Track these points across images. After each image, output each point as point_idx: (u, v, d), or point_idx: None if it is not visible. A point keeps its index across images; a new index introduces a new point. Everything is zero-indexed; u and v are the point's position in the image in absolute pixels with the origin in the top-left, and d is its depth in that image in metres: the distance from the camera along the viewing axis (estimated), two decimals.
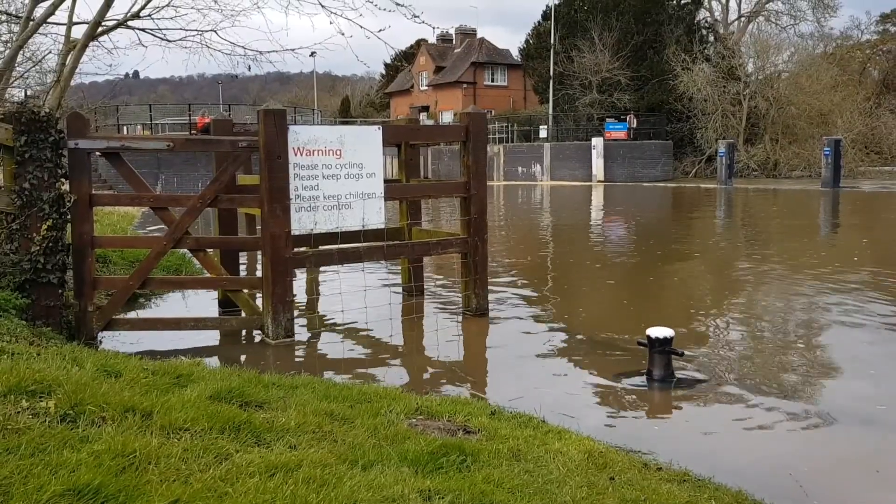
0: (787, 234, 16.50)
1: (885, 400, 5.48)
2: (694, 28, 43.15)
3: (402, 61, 45.82)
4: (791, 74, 40.67)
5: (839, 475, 4.28)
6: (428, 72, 63.59)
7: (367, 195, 7.43)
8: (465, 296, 8.23)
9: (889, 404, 5.38)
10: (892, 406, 5.34)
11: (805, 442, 4.76)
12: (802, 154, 38.00)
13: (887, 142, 39.17)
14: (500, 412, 4.73)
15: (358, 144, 7.40)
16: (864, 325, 7.73)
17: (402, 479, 3.18)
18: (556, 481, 3.54)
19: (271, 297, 6.95)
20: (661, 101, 41.45)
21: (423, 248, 8.34)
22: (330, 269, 10.69)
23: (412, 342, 7.37)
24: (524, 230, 18.72)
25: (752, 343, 7.18)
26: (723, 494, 3.67)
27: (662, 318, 7.86)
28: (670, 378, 5.75)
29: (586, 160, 39.95)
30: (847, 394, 5.65)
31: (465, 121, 8.15)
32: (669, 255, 13.40)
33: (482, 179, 8.19)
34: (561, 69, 43.58)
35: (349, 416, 4.10)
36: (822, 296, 9.17)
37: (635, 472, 3.83)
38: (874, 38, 57.20)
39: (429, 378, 6.18)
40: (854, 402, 5.42)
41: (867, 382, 5.93)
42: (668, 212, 24.27)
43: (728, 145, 34.11)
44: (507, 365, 6.51)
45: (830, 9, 44.94)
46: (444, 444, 3.69)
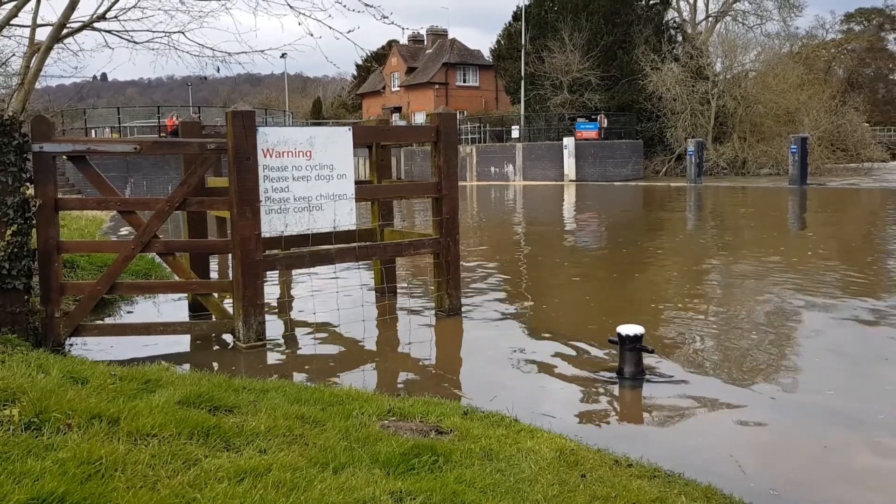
0: (756, 232, 16.72)
1: (852, 392, 5.57)
2: (662, 28, 43.56)
3: (373, 62, 45.72)
4: (758, 73, 41.22)
5: (807, 468, 4.33)
6: (400, 73, 63.52)
7: (338, 196, 7.40)
8: (438, 296, 8.23)
9: (858, 398, 5.47)
10: (862, 399, 5.43)
11: (775, 436, 4.81)
12: (770, 152, 38.54)
13: (852, 139, 39.87)
14: (473, 412, 4.73)
15: (328, 145, 7.37)
16: (830, 320, 7.86)
17: (374, 481, 3.17)
18: (528, 480, 3.55)
19: (242, 301, 6.90)
20: (631, 100, 41.79)
21: (395, 248, 8.32)
22: (302, 272, 10.66)
23: (385, 343, 7.35)
24: (497, 230, 18.77)
25: (723, 339, 7.26)
26: (692, 489, 3.71)
27: (634, 315, 7.93)
28: (641, 375, 5.80)
29: (558, 160, 40.15)
30: (816, 388, 5.73)
31: (435, 121, 8.15)
32: (640, 254, 13.52)
33: (453, 180, 8.20)
34: (532, 69, 43.76)
35: (320, 419, 4.08)
36: (791, 292, 9.30)
37: (606, 469, 3.85)
38: (839, 37, 58.38)
39: (402, 379, 6.17)
40: (822, 396, 5.51)
41: (832, 375, 6.03)
42: (638, 210, 24.47)
43: (697, 144, 34.50)
44: (480, 364, 6.53)
45: (796, 8, 45.64)
46: (416, 445, 3.69)
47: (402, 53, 63.50)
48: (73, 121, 36.78)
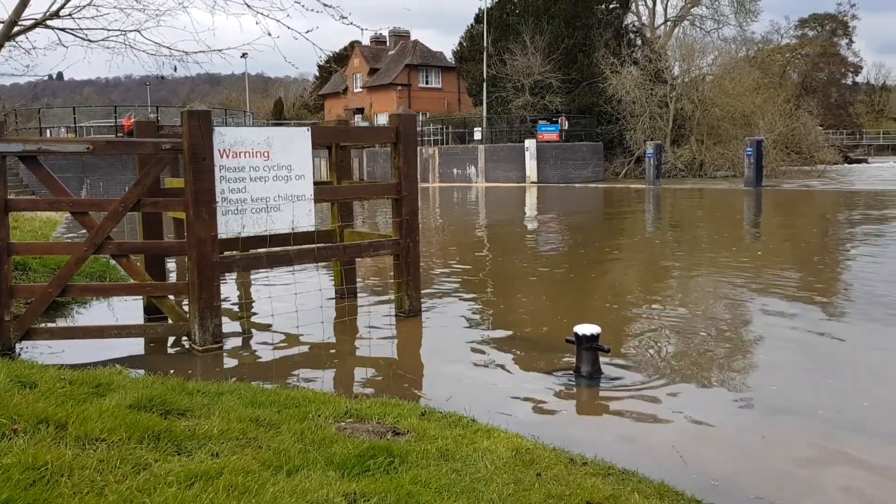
0: (713, 233, 17.01)
1: (796, 389, 5.69)
2: (622, 32, 44.11)
3: (333, 63, 45.41)
4: (715, 77, 41.95)
5: (760, 465, 4.42)
6: (362, 73, 63.33)
7: (297, 197, 7.35)
8: (398, 297, 8.22)
9: (800, 395, 5.59)
10: (804, 395, 5.55)
11: (723, 431, 4.90)
12: (727, 154, 39.23)
13: (806, 142, 40.76)
14: (431, 412, 4.73)
15: (286, 146, 7.31)
16: (781, 320, 8.02)
17: (328, 483, 3.15)
18: (484, 479, 3.56)
19: (198, 303, 6.80)
20: (591, 103, 42.22)
21: (355, 250, 8.28)
22: (261, 273, 10.56)
23: (344, 345, 7.31)
24: (459, 231, 18.80)
25: (678, 338, 7.37)
26: (645, 486, 3.75)
27: (592, 315, 8.01)
28: (597, 374, 5.86)
29: (520, 162, 40.40)
30: (765, 385, 5.85)
31: (395, 122, 8.14)
32: (599, 254, 13.66)
33: (413, 181, 8.20)
34: (494, 71, 43.97)
35: (276, 422, 4.05)
36: (745, 292, 9.48)
37: (562, 468, 3.88)
38: (793, 41, 59.68)
39: (360, 381, 6.14)
40: (768, 392, 5.62)
41: (781, 373, 6.16)
42: (598, 212, 24.73)
43: (656, 146, 34.99)
44: (439, 365, 6.54)
45: (752, 13, 46.61)
46: (371, 447, 3.68)
47: (364, 55, 63.31)
48: (27, 121, 35.98)
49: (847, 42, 66.02)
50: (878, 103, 76.45)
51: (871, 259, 12.17)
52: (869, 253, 12.91)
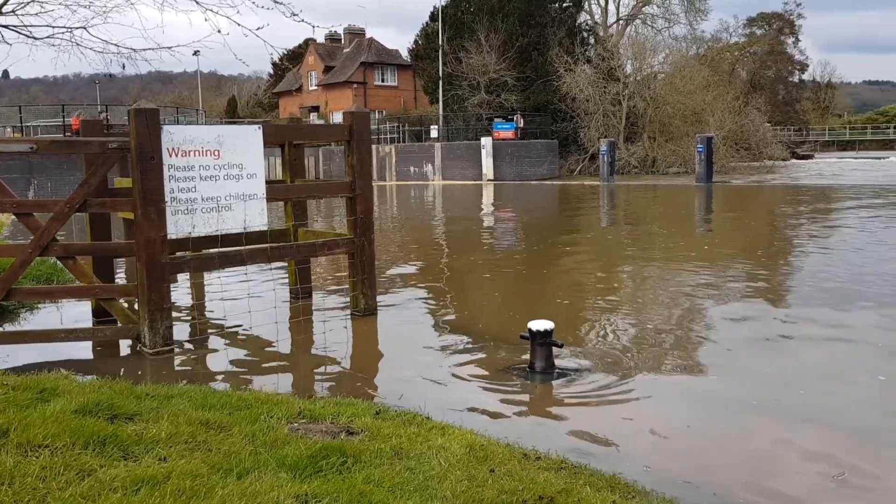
0: (665, 228, 17.28)
1: (753, 381, 5.82)
2: (575, 30, 44.53)
3: (287, 61, 44.99)
4: (666, 75, 42.65)
5: (707, 455, 4.50)
6: (317, 71, 62.84)
7: (249, 196, 7.25)
8: (353, 296, 8.17)
9: (747, 385, 5.71)
10: (748, 386, 5.68)
11: (679, 424, 4.97)
12: (678, 151, 39.92)
13: (755, 138, 41.72)
14: (385, 411, 4.72)
15: (237, 144, 7.21)
16: (731, 313, 8.19)
17: (279, 485, 3.12)
18: (437, 477, 3.56)
19: (147, 305, 6.68)
20: (546, 101, 42.55)
21: (309, 249, 8.21)
22: (214, 274, 10.41)
23: (298, 345, 7.25)
24: (416, 229, 18.79)
25: (632, 332, 7.47)
26: (597, 479, 3.80)
27: (546, 311, 8.06)
28: (551, 369, 5.90)
29: (476, 159, 40.53)
30: (720, 377, 5.96)
31: (348, 120, 8.09)
32: (555, 251, 13.78)
33: (367, 179, 8.15)
34: (450, 70, 44.03)
35: (226, 424, 3.99)
36: (696, 286, 9.64)
37: (515, 463, 3.90)
38: (742, 40, 60.91)
39: (315, 381, 6.10)
40: (726, 386, 5.73)
41: (735, 365, 6.29)
42: (554, 209, 24.95)
43: (609, 144, 35.43)
44: (395, 363, 6.52)
45: (701, 12, 47.46)
46: (324, 447, 3.65)
47: (318, 52, 62.82)
48: None
49: (794, 40, 67.63)
50: (823, 100, 78.49)
51: (819, 251, 12.48)
52: (816, 245, 13.24)
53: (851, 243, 13.20)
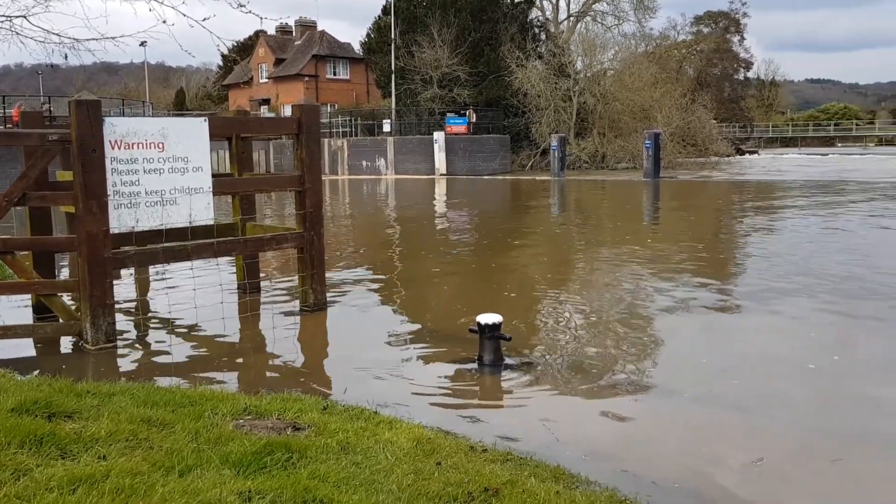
0: (614, 222, 17.55)
1: (696, 371, 5.96)
2: (527, 26, 44.78)
3: (237, 53, 44.40)
4: (616, 72, 43.21)
5: (645, 445, 4.59)
6: (267, 64, 62.02)
7: (194, 190, 7.13)
8: (303, 291, 8.11)
9: (701, 376, 5.85)
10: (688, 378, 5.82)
11: (626, 415, 5.07)
12: (627, 147, 40.51)
13: (701, 135, 42.54)
14: (333, 406, 4.70)
15: (182, 137, 7.08)
16: (679, 303, 8.36)
17: (222, 482, 3.09)
18: (384, 471, 3.57)
19: (89, 301, 6.53)
20: (498, 96, 42.72)
21: (257, 244, 8.12)
22: (159, 269, 10.22)
23: (246, 341, 7.17)
24: (367, 224, 18.72)
25: (578, 325, 7.57)
26: (542, 470, 3.85)
27: (497, 305, 8.13)
28: (499, 362, 5.95)
29: (429, 154, 40.52)
30: (664, 367, 6.09)
31: (297, 113, 8.02)
32: (505, 245, 13.87)
33: (317, 172, 8.09)
34: (402, 64, 43.88)
35: (169, 421, 3.93)
36: (644, 278, 9.82)
37: (462, 456, 3.93)
38: (689, 38, 61.95)
39: (262, 377, 6.04)
40: (671, 376, 5.86)
41: (679, 355, 6.43)
42: (506, 203, 25.11)
43: (560, 139, 35.78)
44: (344, 358, 6.49)
45: (650, 10, 48.05)
46: (269, 443, 3.62)
47: (269, 44, 61.98)
48: None
49: (739, 39, 69.06)
50: (767, 98, 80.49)
51: (760, 245, 12.82)
52: (757, 239, 13.60)
53: (791, 237, 13.58)
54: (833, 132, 79.63)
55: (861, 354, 6.48)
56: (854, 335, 7.11)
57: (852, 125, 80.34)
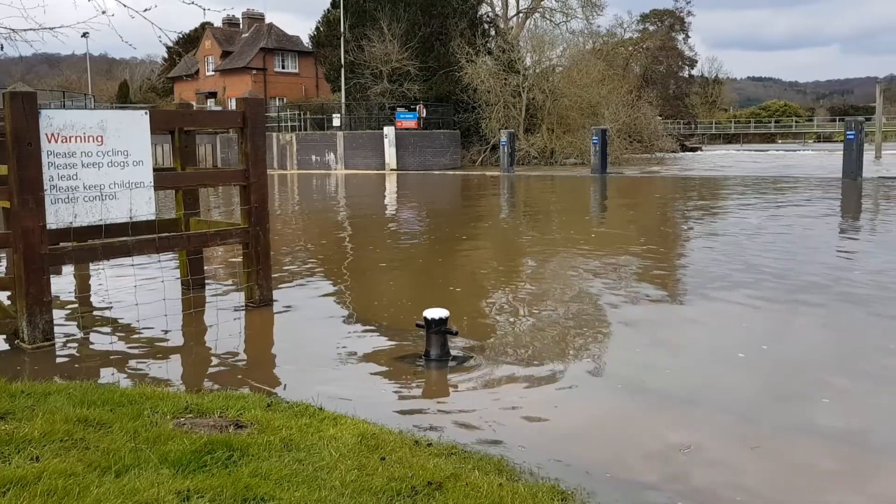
0: (562, 217, 17.75)
1: (642, 364, 6.07)
2: (476, 22, 44.91)
3: (180, 45, 43.50)
4: (564, 68, 43.67)
5: (601, 441, 4.67)
6: (214, 56, 60.99)
7: (135, 184, 6.98)
8: (248, 287, 8.01)
9: (647, 369, 5.96)
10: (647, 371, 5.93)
11: (569, 408, 5.13)
12: (575, 143, 40.99)
13: (647, 131, 43.34)
14: (277, 403, 4.66)
15: (122, 130, 6.92)
16: (626, 297, 8.50)
17: (160, 482, 3.04)
18: (327, 467, 3.55)
19: (25, 298, 6.34)
20: (448, 91, 42.77)
21: (200, 239, 7.98)
22: (100, 266, 9.98)
23: (190, 338, 7.05)
24: (316, 219, 18.57)
25: (526, 319, 7.65)
26: (486, 463, 3.88)
27: (445, 300, 8.14)
28: (446, 357, 5.98)
29: (379, 149, 40.37)
30: (610, 361, 6.19)
31: (241, 107, 7.90)
32: (454, 240, 13.92)
33: (262, 167, 7.99)
34: (352, 58, 43.57)
35: (107, 421, 3.85)
36: (592, 272, 9.95)
37: (406, 451, 3.94)
38: (635, 36, 62.99)
39: (205, 375, 5.95)
40: (615, 370, 5.96)
41: (625, 349, 6.55)
42: (455, 199, 25.17)
43: (509, 135, 36.00)
44: (289, 355, 6.44)
45: (597, 7, 48.61)
46: (209, 442, 3.58)
47: (216, 37, 60.93)
48: None
49: (684, 37, 70.49)
50: (710, 95, 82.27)
51: (702, 238, 13.11)
52: (700, 232, 13.90)
53: (732, 232, 13.92)
54: (774, 129, 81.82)
55: (790, 345, 6.69)
56: (784, 326, 7.33)
57: (792, 122, 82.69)
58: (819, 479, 4.09)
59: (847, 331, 7.17)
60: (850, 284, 8.86)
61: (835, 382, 5.57)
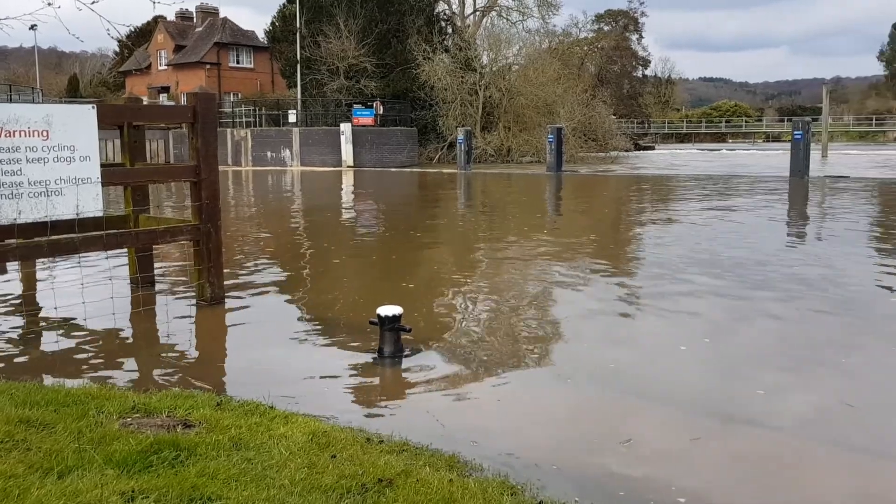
0: (517, 214, 17.86)
1: (595, 360, 6.15)
2: (434, 19, 44.93)
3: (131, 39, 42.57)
4: (520, 67, 43.96)
5: (551, 435, 4.72)
6: (167, 50, 59.91)
7: (82, 180, 6.82)
8: (199, 285, 7.90)
9: (601, 364, 6.04)
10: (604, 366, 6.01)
11: (513, 402, 5.18)
12: (532, 141, 41.31)
13: (601, 130, 43.88)
14: (227, 402, 4.61)
15: (69, 125, 6.76)
16: (580, 294, 8.60)
17: (104, 483, 2.98)
18: (277, 466, 3.53)
19: None
20: (405, 88, 42.71)
21: (150, 236, 7.85)
22: (47, 263, 9.75)
23: (139, 337, 6.93)
24: (271, 216, 18.39)
25: (479, 316, 7.68)
26: (437, 459, 3.90)
27: (399, 296, 8.13)
28: (399, 354, 5.98)
29: (336, 145, 40.12)
30: (569, 361, 6.25)
31: (192, 101, 7.79)
32: (409, 237, 13.91)
33: (213, 163, 7.88)
34: (308, 54, 43.21)
35: (50, 422, 3.76)
36: (547, 269, 10.04)
37: (357, 448, 3.93)
38: (590, 35, 63.69)
39: (154, 374, 5.84)
40: (570, 365, 6.02)
41: (578, 345, 6.63)
42: (411, 196, 25.16)
43: (466, 132, 36.12)
44: (241, 353, 6.37)
45: (553, 7, 49.04)
46: (156, 441, 3.53)
47: (169, 30, 59.85)
48: None
49: (637, 37, 71.56)
50: (663, 95, 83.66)
51: (655, 235, 13.32)
52: (653, 230, 14.12)
53: (684, 229, 14.18)
54: (724, 129, 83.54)
55: (733, 338, 6.83)
56: (729, 320, 7.49)
57: (742, 122, 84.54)
58: (754, 468, 4.20)
59: (791, 323, 7.37)
60: (796, 279, 9.09)
61: (772, 375, 5.72)
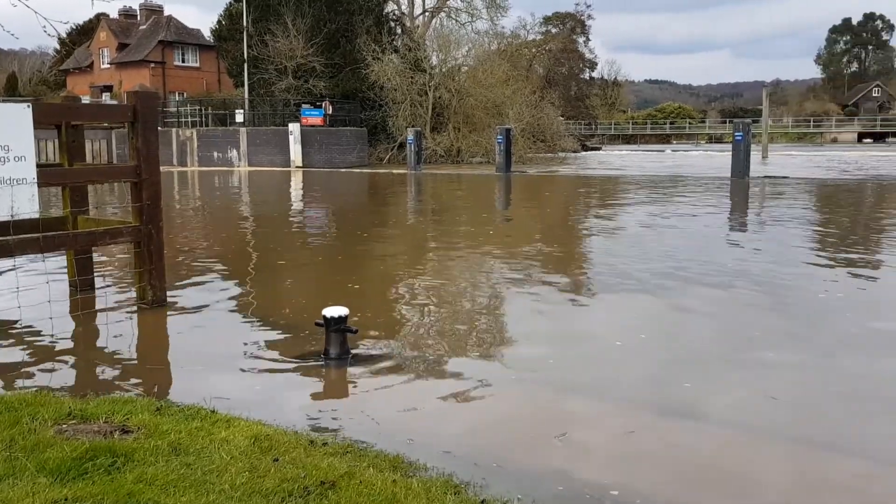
0: (466, 214, 17.93)
1: (543, 358, 6.21)
2: (383, 19, 44.83)
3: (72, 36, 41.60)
4: (470, 68, 44.19)
5: (494, 433, 4.75)
6: (110, 49, 58.52)
7: (16, 181, 6.62)
8: (140, 287, 7.73)
9: (548, 362, 6.10)
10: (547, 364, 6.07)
11: (462, 403, 5.20)
12: (481, 142, 41.54)
13: (550, 131, 44.40)
14: (168, 407, 4.52)
15: (2, 124, 6.56)
16: (529, 293, 8.66)
17: (36, 491, 2.91)
18: (217, 471, 3.48)
19: None
20: (355, 88, 42.51)
21: (89, 238, 7.65)
22: None
23: (78, 341, 6.75)
24: (217, 216, 18.11)
25: (426, 316, 7.68)
26: (381, 460, 3.89)
27: (345, 298, 8.09)
28: (346, 355, 5.95)
29: (284, 146, 39.71)
30: (512, 360, 6.30)
31: (132, 100, 7.62)
32: (357, 238, 13.85)
33: (154, 163, 7.72)
34: (255, 53, 42.69)
35: None
36: (496, 269, 10.10)
37: (300, 451, 3.90)
38: (539, 37, 64.28)
39: (92, 379, 5.70)
40: (519, 363, 6.07)
41: (527, 343, 6.68)
42: (361, 197, 25.06)
43: (416, 133, 36.10)
44: (182, 356, 6.26)
45: (502, 9, 49.41)
46: (91, 448, 3.44)
47: (112, 28, 58.46)
48: None
49: (584, 40, 72.50)
50: (610, 97, 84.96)
51: (602, 235, 13.52)
52: (600, 230, 14.32)
53: (629, 229, 14.42)
54: (669, 130, 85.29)
55: (672, 334, 6.96)
56: (667, 315, 7.65)
57: (686, 124, 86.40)
58: (684, 458, 4.31)
59: (724, 318, 7.56)
60: (735, 275, 9.32)
61: (704, 368, 5.87)
